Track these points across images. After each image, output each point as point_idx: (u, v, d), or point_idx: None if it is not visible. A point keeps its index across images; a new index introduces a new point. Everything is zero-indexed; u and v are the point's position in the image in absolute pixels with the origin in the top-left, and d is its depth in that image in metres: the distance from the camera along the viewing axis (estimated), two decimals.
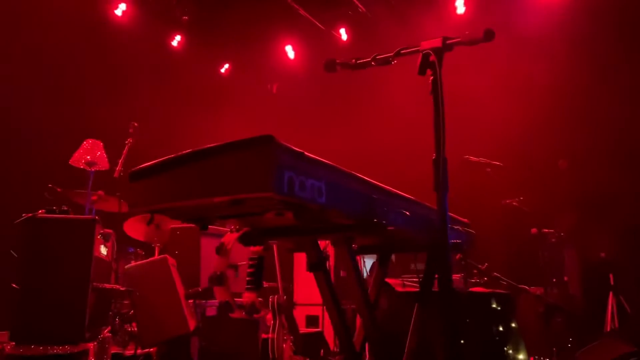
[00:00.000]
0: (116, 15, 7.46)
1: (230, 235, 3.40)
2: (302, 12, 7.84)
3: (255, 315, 2.72)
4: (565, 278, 5.73)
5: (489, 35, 1.71)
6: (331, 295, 2.11)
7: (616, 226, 5.72)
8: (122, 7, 7.49)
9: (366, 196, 1.95)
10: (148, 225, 4.76)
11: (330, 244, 3.50)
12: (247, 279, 2.15)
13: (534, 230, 5.34)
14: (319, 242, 2.17)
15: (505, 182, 5.25)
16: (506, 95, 6.31)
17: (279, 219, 1.86)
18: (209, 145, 1.61)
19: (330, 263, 5.85)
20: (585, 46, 6.23)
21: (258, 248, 2.33)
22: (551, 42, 6.39)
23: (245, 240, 2.07)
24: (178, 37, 8.33)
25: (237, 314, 2.75)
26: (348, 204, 1.84)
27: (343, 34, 8.23)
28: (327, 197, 1.71)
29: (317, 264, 2.10)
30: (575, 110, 6.23)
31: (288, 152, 1.59)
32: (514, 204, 5.47)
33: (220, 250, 2.74)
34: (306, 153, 1.67)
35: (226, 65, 8.99)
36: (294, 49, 8.63)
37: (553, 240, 5.31)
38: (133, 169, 1.73)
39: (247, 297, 2.68)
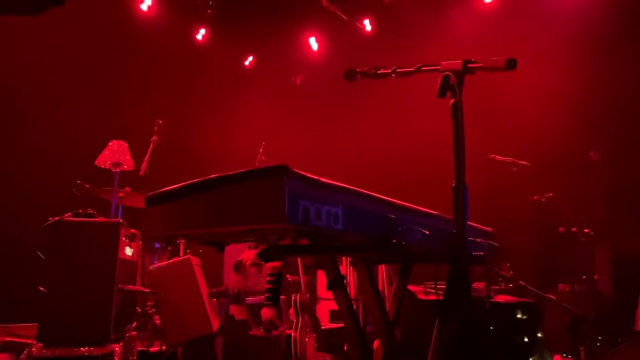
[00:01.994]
0: (142, 11, 7.50)
1: (248, 252, 3.41)
2: (325, 3, 7.74)
3: (273, 332, 2.73)
4: (595, 276, 5.59)
5: (510, 65, 1.64)
6: (350, 313, 2.09)
7: None
8: (148, 1, 7.52)
9: (384, 217, 1.91)
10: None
11: None
12: (266, 295, 2.15)
13: (561, 229, 5.21)
14: None
15: (532, 180, 5.12)
16: (533, 88, 6.13)
17: None
18: (224, 174, 1.59)
19: None
20: (615, 35, 6.01)
21: (276, 264, 2.33)
22: (580, 32, 6.16)
23: (263, 257, 2.05)
24: (202, 31, 8.34)
25: (255, 331, 2.77)
26: (365, 227, 1.81)
27: (367, 24, 8.12)
28: (343, 222, 1.69)
29: (335, 282, 2.08)
30: (606, 99, 6.03)
31: (302, 180, 1.56)
32: (542, 200, 5.34)
33: (239, 268, 2.77)
34: (321, 179, 1.64)
35: (250, 58, 8.97)
36: (317, 41, 8.56)
37: (583, 239, 5.16)
38: (149, 194, 1.73)
39: (265, 313, 2.70)
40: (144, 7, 7.50)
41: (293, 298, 4.52)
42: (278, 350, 4.49)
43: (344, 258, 4.91)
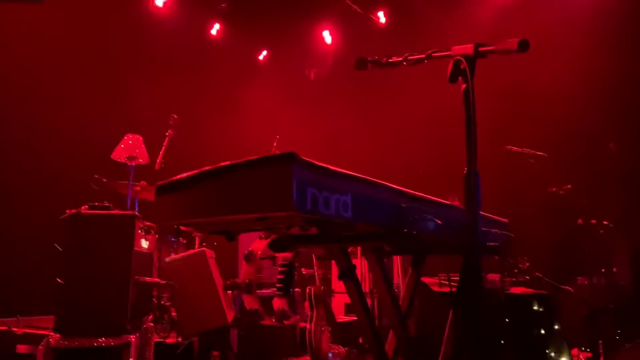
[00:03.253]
0: (157, 6, 7.53)
1: (259, 242, 3.41)
2: None
3: (285, 322, 2.72)
4: (614, 269, 5.50)
5: (523, 47, 1.60)
6: (362, 304, 2.08)
7: None
8: None
9: (395, 205, 1.89)
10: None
11: None
12: (277, 285, 2.15)
13: (580, 221, 5.13)
14: None
15: (549, 172, 5.05)
16: (551, 80, 6.03)
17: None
18: (232, 162, 1.59)
19: None
20: (636, 25, 5.87)
21: (288, 254, 2.32)
22: (600, 22, 6.04)
23: (274, 247, 2.05)
24: (217, 26, 8.35)
25: (267, 321, 2.76)
26: (376, 215, 1.79)
27: (381, 16, 8.05)
28: (353, 211, 1.67)
29: (346, 272, 2.07)
30: (625, 90, 5.90)
31: (311, 168, 1.54)
32: (560, 192, 5.26)
33: (250, 258, 2.75)
34: (330, 167, 1.63)
35: (264, 52, 8.97)
36: (331, 34, 8.52)
37: (601, 232, 5.08)
38: (158, 183, 1.74)
39: (277, 304, 2.67)
40: (159, 2, 7.54)
41: (307, 291, 4.52)
42: (292, 341, 4.50)
43: (359, 252, 4.89)
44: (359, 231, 1.83)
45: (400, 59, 2.19)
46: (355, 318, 5.99)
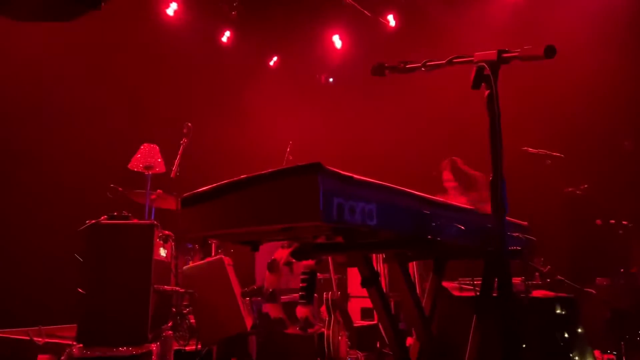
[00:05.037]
0: (168, 15, 7.60)
1: (282, 251, 3.42)
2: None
3: (309, 330, 2.72)
4: (634, 269, 5.44)
5: (550, 53, 1.58)
6: (386, 311, 2.07)
7: None
8: (174, 6, 7.63)
9: (418, 212, 1.89)
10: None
11: None
12: (300, 293, 2.15)
13: (598, 221, 5.08)
14: None
15: (567, 172, 5.01)
16: (566, 79, 5.99)
17: None
18: (258, 173, 1.60)
19: None
20: None
21: (310, 262, 2.33)
22: (614, 22, 5.99)
23: (297, 256, 2.05)
24: (227, 33, 8.41)
25: (291, 330, 2.77)
26: (399, 223, 1.79)
27: (391, 20, 8.05)
28: (378, 219, 1.67)
29: (369, 280, 2.07)
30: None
31: (336, 177, 1.55)
32: (577, 192, 5.21)
33: (272, 267, 2.77)
34: (355, 176, 1.63)
35: (275, 58, 9.01)
36: (341, 38, 8.53)
37: (620, 232, 5.02)
38: (184, 196, 1.75)
39: (301, 312, 2.68)
40: (170, 11, 7.61)
41: (325, 296, 4.52)
42: (310, 347, 4.49)
43: (373, 257, 4.88)
44: (382, 238, 1.83)
45: (419, 64, 2.18)
46: (373, 323, 5.99)
